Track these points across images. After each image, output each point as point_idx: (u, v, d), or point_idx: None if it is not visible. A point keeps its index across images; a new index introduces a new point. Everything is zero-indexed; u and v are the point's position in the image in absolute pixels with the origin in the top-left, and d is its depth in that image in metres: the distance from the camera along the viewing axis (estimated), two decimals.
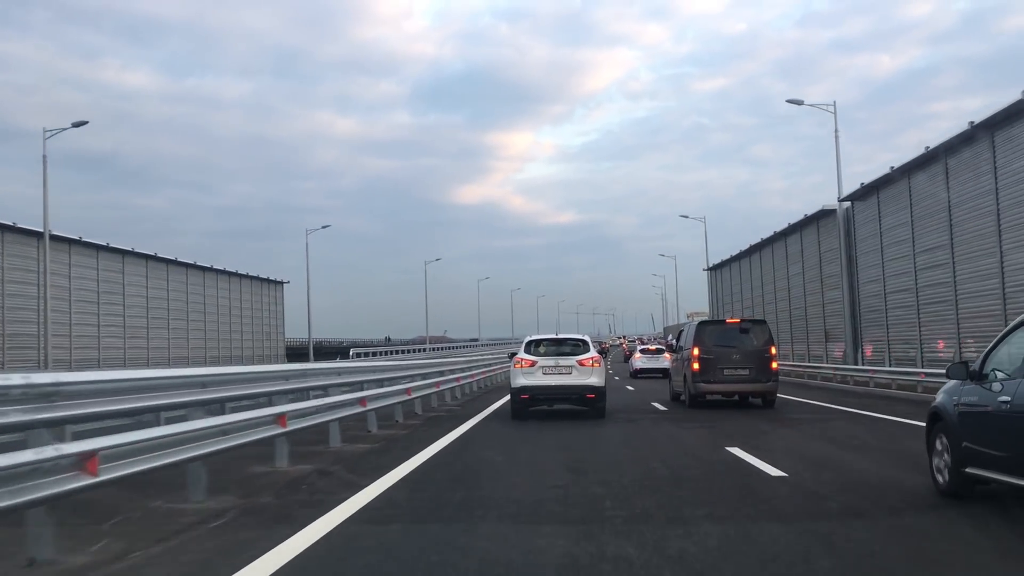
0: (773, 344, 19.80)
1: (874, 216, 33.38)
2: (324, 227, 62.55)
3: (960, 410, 7.31)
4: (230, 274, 63.49)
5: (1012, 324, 7.14)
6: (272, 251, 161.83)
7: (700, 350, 19.36)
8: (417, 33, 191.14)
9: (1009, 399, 6.41)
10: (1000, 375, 6.84)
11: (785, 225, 44.28)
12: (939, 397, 7.96)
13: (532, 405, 16.97)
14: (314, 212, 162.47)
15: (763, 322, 21.05)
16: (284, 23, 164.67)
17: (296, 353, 68.15)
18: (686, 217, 62.46)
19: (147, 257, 51.86)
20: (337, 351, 73.67)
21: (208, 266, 59.76)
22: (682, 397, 20.94)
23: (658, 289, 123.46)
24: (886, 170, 31.40)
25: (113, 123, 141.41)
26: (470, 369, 27.27)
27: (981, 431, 6.91)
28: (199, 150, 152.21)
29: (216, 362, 55.62)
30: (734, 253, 55.98)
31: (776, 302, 46.80)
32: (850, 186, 34.55)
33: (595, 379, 16.63)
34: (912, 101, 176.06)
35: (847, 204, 35.54)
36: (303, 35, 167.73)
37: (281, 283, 73.11)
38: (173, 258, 54.64)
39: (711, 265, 61.58)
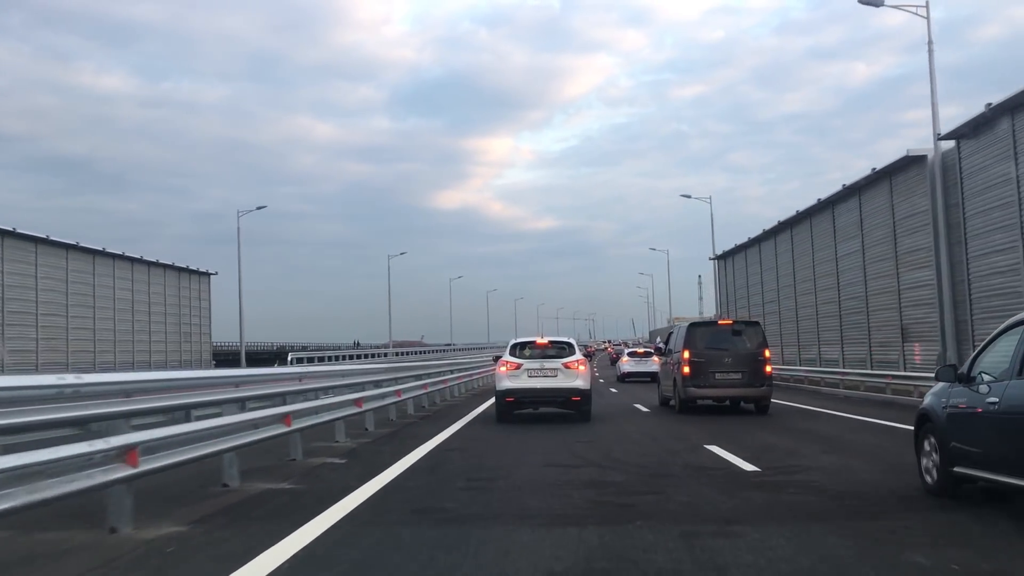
0: (767, 347, 19.16)
1: (1001, 155, 22.02)
2: (259, 208, 52.91)
3: (949, 412, 7.48)
4: (143, 263, 53.79)
5: (999, 328, 7.30)
6: (249, 257, 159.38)
7: (690, 353, 18.72)
8: (396, 38, 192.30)
9: (997, 400, 6.61)
10: (987, 378, 7.03)
11: (828, 195, 33.70)
12: (927, 400, 8.13)
13: (517, 408, 16.86)
14: (293, 217, 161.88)
15: (756, 323, 20.44)
16: (262, 27, 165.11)
17: (226, 358, 61.61)
18: (688, 197, 52.60)
19: (36, 240, 42.76)
20: (275, 356, 65.58)
21: (118, 253, 50.82)
22: (671, 402, 20.31)
23: (643, 291, 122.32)
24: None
25: (89, 127, 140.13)
26: (438, 375, 23.88)
27: (969, 432, 7.09)
28: (176, 154, 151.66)
29: (122, 366, 47.53)
30: (752, 235, 45.23)
31: (816, 291, 36.07)
32: (829, 190, 30.09)
33: (581, 382, 16.53)
34: (887, 109, 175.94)
35: (948, 144, 24.56)
36: (281, 40, 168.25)
37: (207, 274, 61.68)
38: (74, 243, 45.92)
39: (719, 253, 51.34)
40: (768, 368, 18.82)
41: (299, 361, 49.83)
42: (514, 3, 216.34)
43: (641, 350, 44.03)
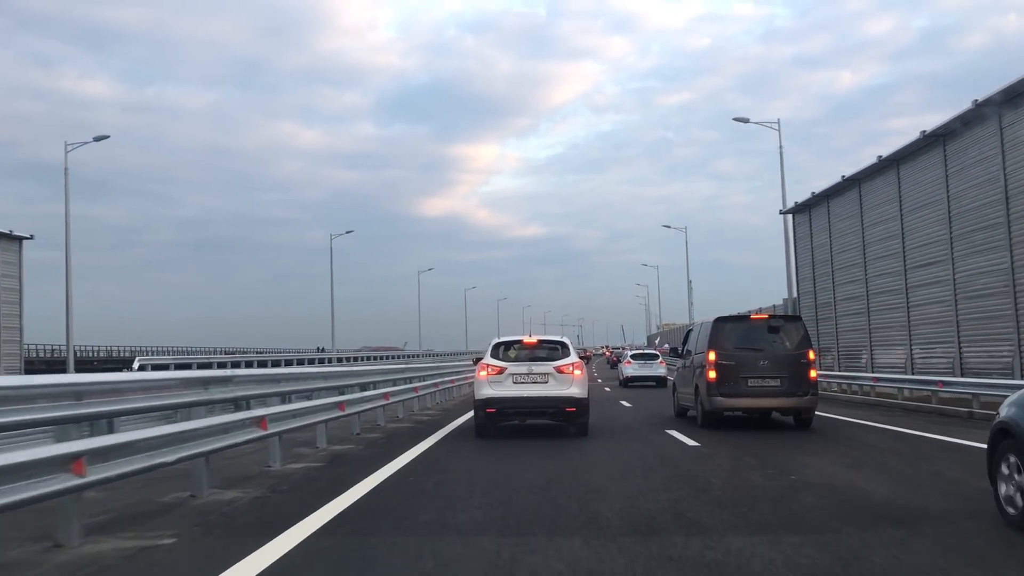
0: (811, 347, 15.57)
1: None
2: (99, 138, 38.53)
3: None
4: None
5: None
6: (233, 263, 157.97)
7: (717, 354, 15.25)
8: (382, 44, 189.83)
9: None
10: None
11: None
12: (1007, 411, 6.75)
13: (500, 420, 14.25)
14: (278, 224, 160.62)
15: (798, 318, 16.76)
16: (246, 33, 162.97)
17: (47, 365, 45.28)
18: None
19: None
20: (122, 363, 50.29)
21: None
22: (691, 413, 16.85)
23: (641, 298, 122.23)
24: None
25: (71, 133, 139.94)
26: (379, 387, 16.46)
27: None
28: (160, 160, 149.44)
29: None
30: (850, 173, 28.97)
31: (991, 248, 20.63)
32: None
33: (576, 389, 13.94)
34: (872, 117, 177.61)
35: None
36: (266, 45, 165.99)
37: (16, 238, 38.57)
38: None
39: (793, 206, 34.54)
40: (813, 373, 15.27)
41: (143, 368, 40.71)
42: (500, 10, 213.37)
43: (646, 352, 41.82)
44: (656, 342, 56.51)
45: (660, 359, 37.67)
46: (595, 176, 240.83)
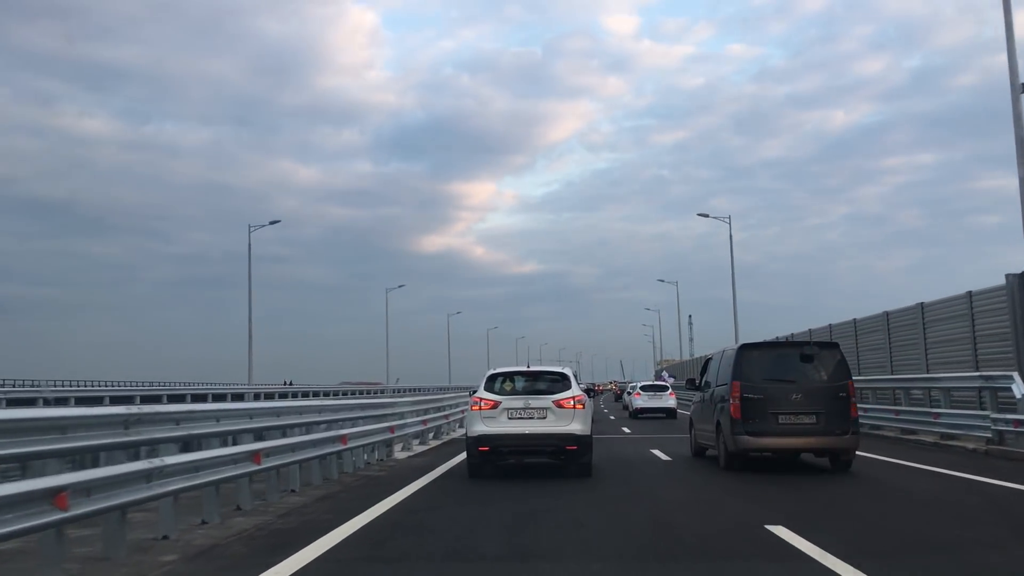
0: (850, 377, 13.52)
1: None
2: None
3: None
4: None
5: None
6: (231, 300, 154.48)
7: (743, 387, 13.18)
8: (379, 83, 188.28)
9: None
10: None
11: None
12: None
13: (495, 460, 13.13)
14: (274, 261, 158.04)
15: (835, 345, 14.61)
16: (244, 71, 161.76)
17: None
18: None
19: None
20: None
21: None
22: (710, 452, 14.77)
23: (648, 336, 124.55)
24: None
25: (69, 170, 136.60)
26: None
27: None
28: (157, 198, 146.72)
29: None
30: None
31: None
32: None
33: (578, 425, 12.78)
34: (865, 156, 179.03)
35: None
36: (264, 83, 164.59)
37: None
38: None
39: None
40: (854, 408, 13.25)
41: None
42: (496, 49, 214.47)
43: (655, 384, 41.15)
44: (664, 374, 58.37)
45: (670, 391, 37.59)
46: (591, 213, 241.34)
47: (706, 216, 47.80)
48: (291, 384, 61.91)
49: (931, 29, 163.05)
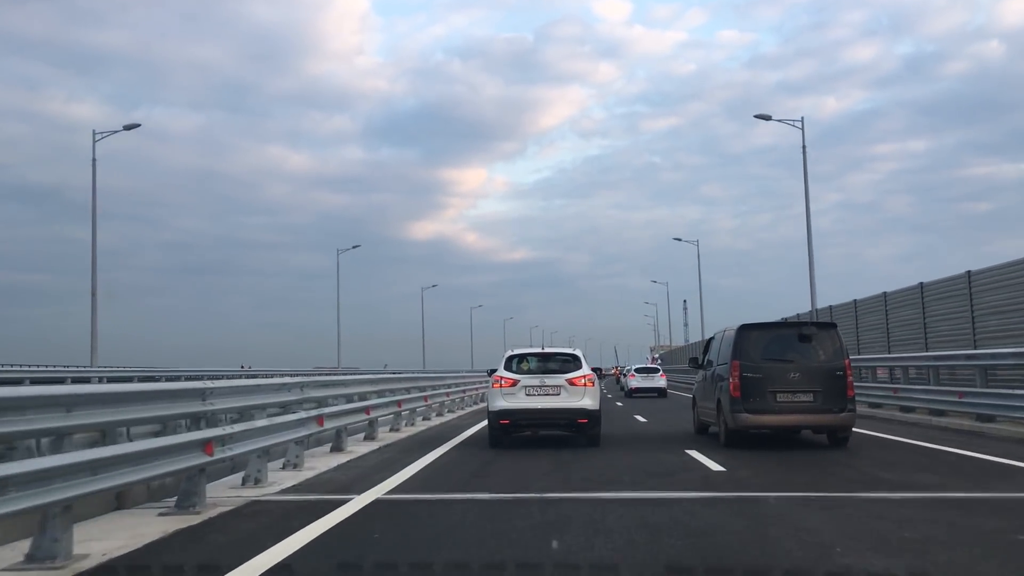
0: (847, 357, 13.96)
1: None
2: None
3: None
4: None
5: None
6: (221, 286, 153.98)
7: (742, 366, 13.62)
8: (369, 69, 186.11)
9: None
10: None
11: None
12: None
13: (514, 431, 14.82)
14: (265, 247, 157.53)
15: (833, 326, 15.04)
16: (234, 57, 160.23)
17: None
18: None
19: None
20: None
21: None
22: (712, 429, 15.23)
23: (650, 320, 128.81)
24: None
25: (58, 156, 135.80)
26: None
27: None
28: (147, 184, 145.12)
29: None
30: None
31: None
32: None
33: (588, 401, 14.27)
34: (857, 143, 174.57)
35: None
36: (254, 69, 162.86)
37: None
38: None
39: None
40: (851, 387, 13.69)
41: None
42: (487, 35, 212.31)
43: (648, 366, 46.86)
44: (652, 357, 62.88)
45: (661, 372, 42.41)
46: (582, 200, 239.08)
47: (768, 118, 36.86)
48: (248, 368, 57.84)
49: (922, 16, 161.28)
